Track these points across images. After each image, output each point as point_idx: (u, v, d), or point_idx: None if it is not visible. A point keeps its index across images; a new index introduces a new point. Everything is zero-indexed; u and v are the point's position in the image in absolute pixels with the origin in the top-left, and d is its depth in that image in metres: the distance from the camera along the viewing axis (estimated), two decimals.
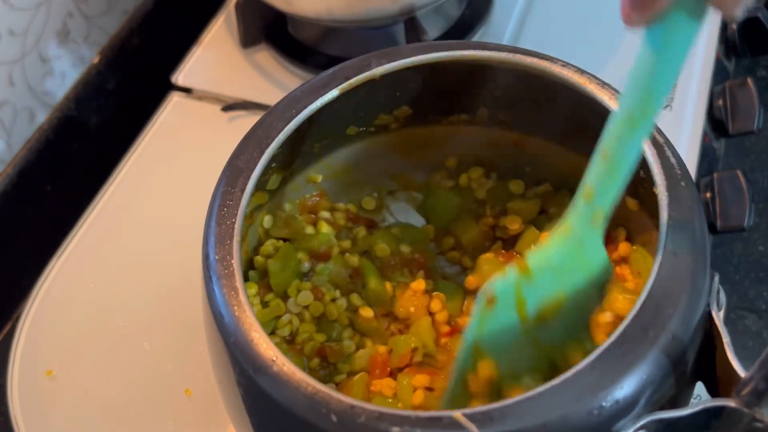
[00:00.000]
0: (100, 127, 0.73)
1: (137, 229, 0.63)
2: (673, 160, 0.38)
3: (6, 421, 0.54)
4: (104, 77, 0.72)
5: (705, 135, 0.63)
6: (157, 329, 0.57)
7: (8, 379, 0.56)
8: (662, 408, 0.33)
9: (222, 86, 0.70)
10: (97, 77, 0.72)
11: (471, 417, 0.32)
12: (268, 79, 0.70)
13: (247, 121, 0.43)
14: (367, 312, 0.47)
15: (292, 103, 0.44)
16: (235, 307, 0.37)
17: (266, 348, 0.35)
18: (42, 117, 0.70)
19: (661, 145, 0.39)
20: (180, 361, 0.55)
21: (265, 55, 0.72)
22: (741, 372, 0.34)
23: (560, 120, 0.46)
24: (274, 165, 0.45)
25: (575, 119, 0.45)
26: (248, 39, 0.72)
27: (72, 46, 0.72)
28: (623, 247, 0.44)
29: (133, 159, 0.67)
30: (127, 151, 0.68)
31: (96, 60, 0.72)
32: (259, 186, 0.44)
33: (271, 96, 0.45)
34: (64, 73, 0.72)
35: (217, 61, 0.72)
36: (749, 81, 0.65)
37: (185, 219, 0.60)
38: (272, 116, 0.44)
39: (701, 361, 0.36)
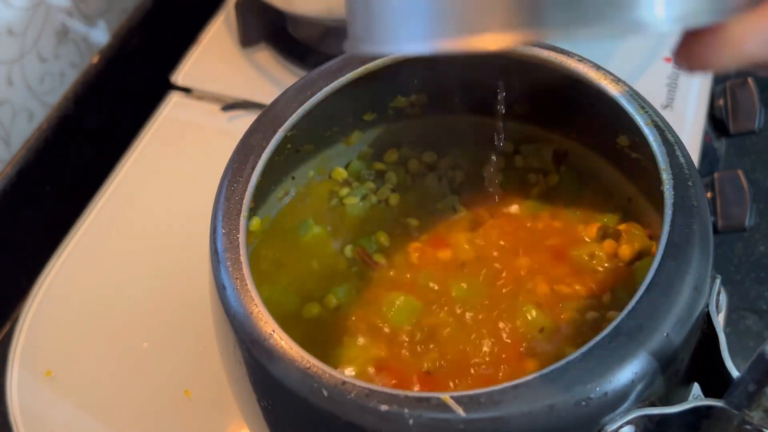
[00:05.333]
0: (99, 127, 0.72)
1: (136, 230, 0.63)
2: (682, 160, 0.38)
3: (5, 422, 0.54)
4: (104, 77, 0.72)
5: (706, 135, 0.63)
6: (156, 330, 0.57)
7: (7, 380, 0.56)
8: (653, 405, 0.33)
9: (222, 86, 0.70)
10: (97, 77, 0.72)
11: (458, 400, 0.32)
12: (268, 78, 0.70)
13: (247, 120, 0.43)
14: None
15: (308, 84, 0.44)
16: (237, 280, 0.37)
17: (265, 322, 0.36)
18: (41, 117, 0.69)
19: (672, 144, 0.39)
20: (180, 361, 0.55)
21: (264, 55, 0.72)
22: (735, 374, 0.34)
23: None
24: (288, 146, 0.45)
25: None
26: (248, 39, 0.72)
27: (71, 45, 0.72)
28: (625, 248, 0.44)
29: (132, 159, 0.67)
30: (127, 151, 0.68)
31: (95, 60, 0.72)
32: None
33: (271, 96, 0.45)
34: (63, 72, 0.72)
35: (217, 60, 0.72)
36: (750, 80, 0.64)
37: (185, 219, 0.61)
38: (288, 96, 0.44)
39: (697, 361, 0.36)
